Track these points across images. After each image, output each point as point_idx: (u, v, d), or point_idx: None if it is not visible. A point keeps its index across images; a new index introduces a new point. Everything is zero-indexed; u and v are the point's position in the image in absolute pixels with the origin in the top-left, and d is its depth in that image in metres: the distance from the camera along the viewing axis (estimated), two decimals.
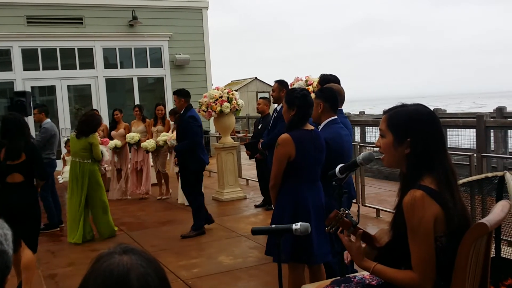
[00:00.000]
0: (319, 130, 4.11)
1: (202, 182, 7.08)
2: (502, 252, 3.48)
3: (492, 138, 9.64)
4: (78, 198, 6.63)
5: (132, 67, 14.93)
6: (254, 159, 8.28)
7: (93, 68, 14.30)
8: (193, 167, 6.75)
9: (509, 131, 9.93)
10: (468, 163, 6.24)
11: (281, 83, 6.85)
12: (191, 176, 6.81)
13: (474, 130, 9.57)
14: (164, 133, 9.07)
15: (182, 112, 6.88)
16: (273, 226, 2.88)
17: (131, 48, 14.84)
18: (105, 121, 11.87)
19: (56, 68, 13.93)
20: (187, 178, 6.89)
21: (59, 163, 8.69)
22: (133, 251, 1.21)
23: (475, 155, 6.58)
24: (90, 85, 14.35)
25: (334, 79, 4.89)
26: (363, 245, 2.38)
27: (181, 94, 6.87)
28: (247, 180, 10.62)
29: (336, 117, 4.13)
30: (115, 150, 9.42)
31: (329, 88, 4.26)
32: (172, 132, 8.98)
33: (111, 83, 14.70)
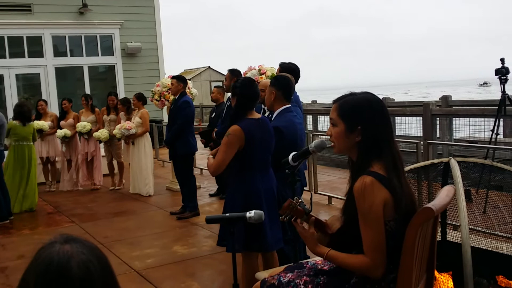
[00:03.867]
0: (273, 118, 4.14)
1: (193, 165, 7.42)
2: (447, 236, 3.64)
3: (437, 126, 9.95)
4: (24, 173, 7.79)
5: (83, 56, 14.53)
6: (209, 148, 8.25)
7: (42, 57, 13.83)
8: (182, 151, 7.00)
9: (454, 119, 10.27)
10: (415, 150, 6.42)
11: (232, 72, 6.84)
12: (181, 159, 7.06)
13: (421, 118, 9.86)
14: (127, 122, 8.70)
15: (177, 97, 7.12)
16: (227, 214, 2.88)
17: (81, 36, 14.44)
18: (55, 110, 11.56)
19: (4, 57, 13.40)
20: (177, 162, 7.21)
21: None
22: (75, 240, 1.20)
23: (421, 142, 6.77)
24: (39, 74, 13.88)
25: (295, 68, 4.90)
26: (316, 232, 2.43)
27: (180, 79, 7.15)
28: (201, 169, 10.59)
29: (289, 105, 4.15)
30: (64, 139, 9.17)
31: (284, 76, 4.28)
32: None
33: (60, 72, 14.27)
